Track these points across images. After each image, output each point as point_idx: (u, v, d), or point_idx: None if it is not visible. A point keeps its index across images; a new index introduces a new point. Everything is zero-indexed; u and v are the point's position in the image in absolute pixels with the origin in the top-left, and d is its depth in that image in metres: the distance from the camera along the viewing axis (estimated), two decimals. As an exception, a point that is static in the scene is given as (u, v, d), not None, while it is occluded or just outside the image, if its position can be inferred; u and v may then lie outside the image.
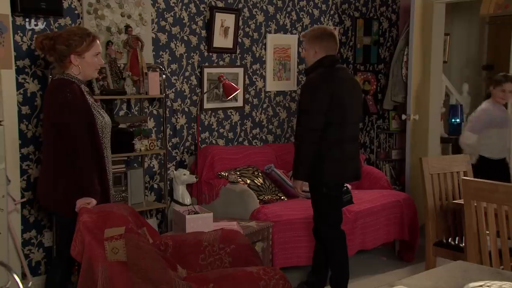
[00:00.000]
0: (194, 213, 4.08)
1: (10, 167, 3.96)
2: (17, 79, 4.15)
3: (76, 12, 4.42)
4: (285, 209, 4.74)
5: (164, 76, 4.76)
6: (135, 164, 4.77)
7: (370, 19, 6.65)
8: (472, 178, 3.52)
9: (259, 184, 4.97)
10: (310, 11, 6.05)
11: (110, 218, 3.01)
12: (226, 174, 4.91)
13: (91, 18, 4.46)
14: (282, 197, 5.05)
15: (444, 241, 4.10)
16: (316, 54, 3.98)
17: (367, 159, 6.70)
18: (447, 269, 2.02)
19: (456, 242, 4.05)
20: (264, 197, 4.91)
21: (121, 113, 4.70)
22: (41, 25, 4.25)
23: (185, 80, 5.12)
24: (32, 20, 4.22)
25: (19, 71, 4.18)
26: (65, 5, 4.36)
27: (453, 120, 7.17)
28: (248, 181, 4.92)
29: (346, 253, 4.18)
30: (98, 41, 3.34)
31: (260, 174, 5.08)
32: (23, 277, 4.09)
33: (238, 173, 4.97)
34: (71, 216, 3.19)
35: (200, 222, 4.00)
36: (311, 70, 4.00)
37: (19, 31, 4.16)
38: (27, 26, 4.19)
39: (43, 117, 3.66)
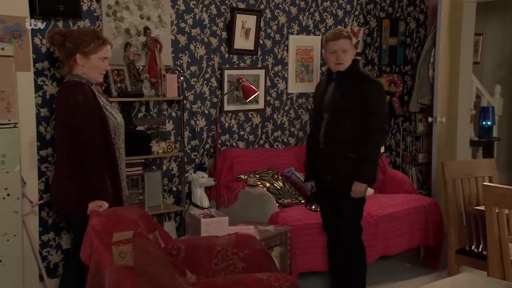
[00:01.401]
0: (210, 217, 4.03)
1: (27, 169, 3.97)
2: (36, 81, 4.17)
3: (95, 14, 4.42)
4: (304, 213, 4.63)
5: (182, 78, 4.73)
6: (153, 167, 4.75)
7: (396, 20, 6.52)
8: (494, 184, 3.39)
9: (278, 187, 4.90)
10: (334, 11, 5.95)
11: (119, 222, 2.98)
12: (245, 177, 4.86)
13: (110, 20, 4.46)
14: (302, 201, 4.96)
15: (467, 248, 3.97)
16: (353, 56, 3.92)
17: (393, 162, 6.57)
18: (452, 281, 1.92)
19: (480, 250, 3.91)
20: (283, 200, 4.84)
21: (140, 115, 4.69)
22: (60, 28, 4.25)
23: (205, 82, 5.09)
24: (51, 23, 4.22)
25: (38, 73, 4.20)
26: (84, 7, 4.36)
27: (484, 122, 6.97)
28: (268, 185, 4.86)
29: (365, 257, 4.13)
30: (108, 46, 3.30)
31: (280, 177, 5.01)
32: (40, 279, 4.10)
33: (257, 176, 4.91)
34: (83, 218, 3.17)
35: (215, 226, 3.95)
36: (352, 73, 3.86)
37: (38, 34, 4.18)
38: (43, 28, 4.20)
39: (55, 119, 3.66)
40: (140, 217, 3.22)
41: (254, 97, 4.95)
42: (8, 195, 3.51)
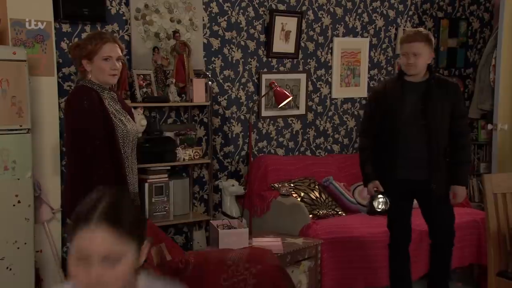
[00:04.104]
0: (229, 228, 3.84)
1: (50, 175, 3.95)
2: (62, 86, 4.13)
3: (123, 18, 4.34)
4: (339, 225, 4.37)
5: (210, 82, 4.55)
6: (183, 174, 4.61)
7: (456, 19, 6.08)
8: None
9: (313, 197, 4.63)
10: (384, 12, 5.62)
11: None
12: (279, 186, 4.63)
13: (139, 24, 4.37)
14: (340, 212, 4.67)
15: (510, 270, 3.56)
16: (429, 60, 3.74)
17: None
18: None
19: (525, 273, 3.50)
20: (318, 211, 4.57)
21: (170, 121, 4.56)
22: (88, 32, 4.20)
23: (241, 86, 4.90)
24: (79, 27, 4.18)
25: (65, 78, 4.16)
26: (113, 11, 4.30)
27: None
28: (302, 194, 4.60)
29: None
30: (110, 44, 3.12)
31: (317, 186, 4.74)
32: None
33: (292, 185, 4.67)
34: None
35: (234, 238, 3.75)
36: (434, 79, 3.72)
37: (65, 38, 4.14)
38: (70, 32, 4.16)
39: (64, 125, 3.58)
40: (142, 228, 3.06)
41: (287, 102, 4.68)
42: (19, 202, 3.47)
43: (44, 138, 3.92)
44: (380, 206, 3.72)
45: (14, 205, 3.44)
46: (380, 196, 3.70)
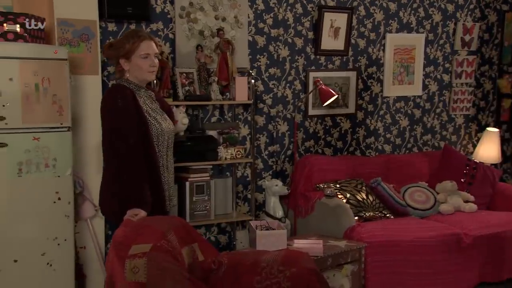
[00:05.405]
0: (267, 229, 3.76)
1: (93, 173, 3.99)
2: (107, 84, 4.17)
3: (168, 16, 4.34)
4: (386, 228, 4.21)
5: (253, 81, 4.46)
6: (227, 173, 4.57)
7: (523, 13, 5.77)
8: None
9: (360, 199, 4.48)
10: (442, 6, 5.39)
11: (142, 234, 2.82)
12: (324, 186, 4.51)
13: (183, 22, 4.35)
14: (388, 215, 4.51)
15: None
16: None
17: (513, 174, 5.83)
18: None
19: None
20: (364, 214, 4.42)
21: (213, 119, 4.53)
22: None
23: (288, 85, 4.81)
24: (124, 26, 4.21)
25: (109, 77, 4.20)
26: (158, 9, 4.30)
27: None
28: (348, 195, 4.46)
29: None
30: (147, 42, 3.11)
31: (364, 188, 4.59)
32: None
33: (338, 185, 4.54)
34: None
35: (273, 239, 3.67)
36: None
37: (110, 37, 4.18)
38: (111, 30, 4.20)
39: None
40: (175, 228, 3.03)
41: (334, 100, 4.54)
42: (59, 199, 3.51)
43: (87, 136, 3.97)
44: None
45: (54, 202, 3.49)
46: None
